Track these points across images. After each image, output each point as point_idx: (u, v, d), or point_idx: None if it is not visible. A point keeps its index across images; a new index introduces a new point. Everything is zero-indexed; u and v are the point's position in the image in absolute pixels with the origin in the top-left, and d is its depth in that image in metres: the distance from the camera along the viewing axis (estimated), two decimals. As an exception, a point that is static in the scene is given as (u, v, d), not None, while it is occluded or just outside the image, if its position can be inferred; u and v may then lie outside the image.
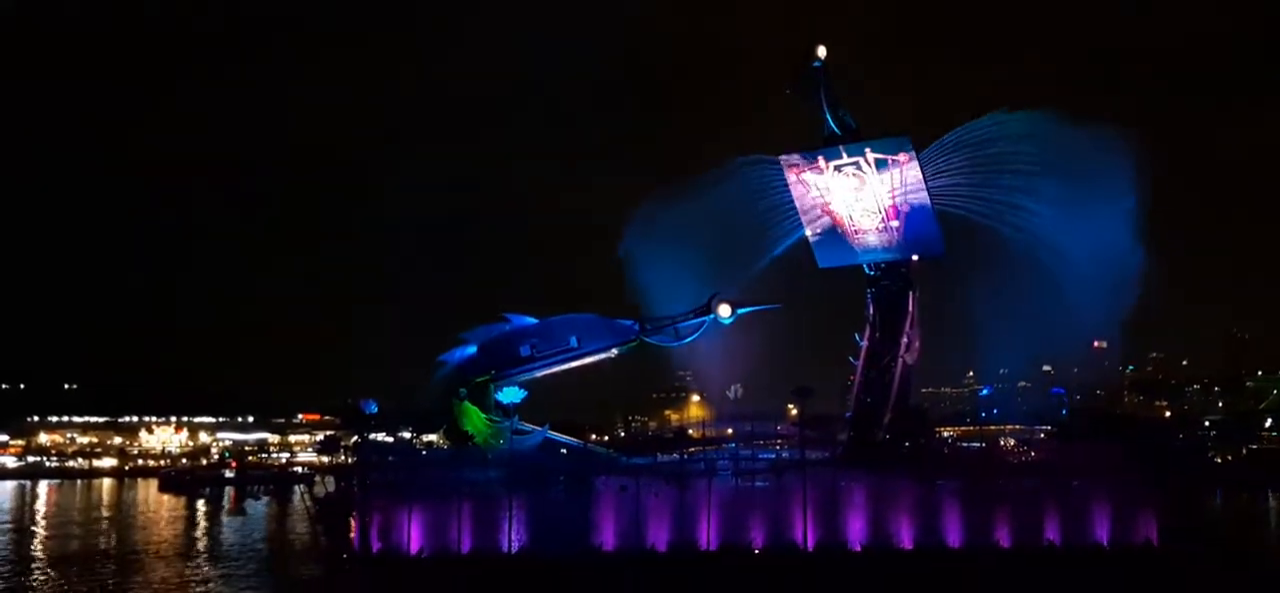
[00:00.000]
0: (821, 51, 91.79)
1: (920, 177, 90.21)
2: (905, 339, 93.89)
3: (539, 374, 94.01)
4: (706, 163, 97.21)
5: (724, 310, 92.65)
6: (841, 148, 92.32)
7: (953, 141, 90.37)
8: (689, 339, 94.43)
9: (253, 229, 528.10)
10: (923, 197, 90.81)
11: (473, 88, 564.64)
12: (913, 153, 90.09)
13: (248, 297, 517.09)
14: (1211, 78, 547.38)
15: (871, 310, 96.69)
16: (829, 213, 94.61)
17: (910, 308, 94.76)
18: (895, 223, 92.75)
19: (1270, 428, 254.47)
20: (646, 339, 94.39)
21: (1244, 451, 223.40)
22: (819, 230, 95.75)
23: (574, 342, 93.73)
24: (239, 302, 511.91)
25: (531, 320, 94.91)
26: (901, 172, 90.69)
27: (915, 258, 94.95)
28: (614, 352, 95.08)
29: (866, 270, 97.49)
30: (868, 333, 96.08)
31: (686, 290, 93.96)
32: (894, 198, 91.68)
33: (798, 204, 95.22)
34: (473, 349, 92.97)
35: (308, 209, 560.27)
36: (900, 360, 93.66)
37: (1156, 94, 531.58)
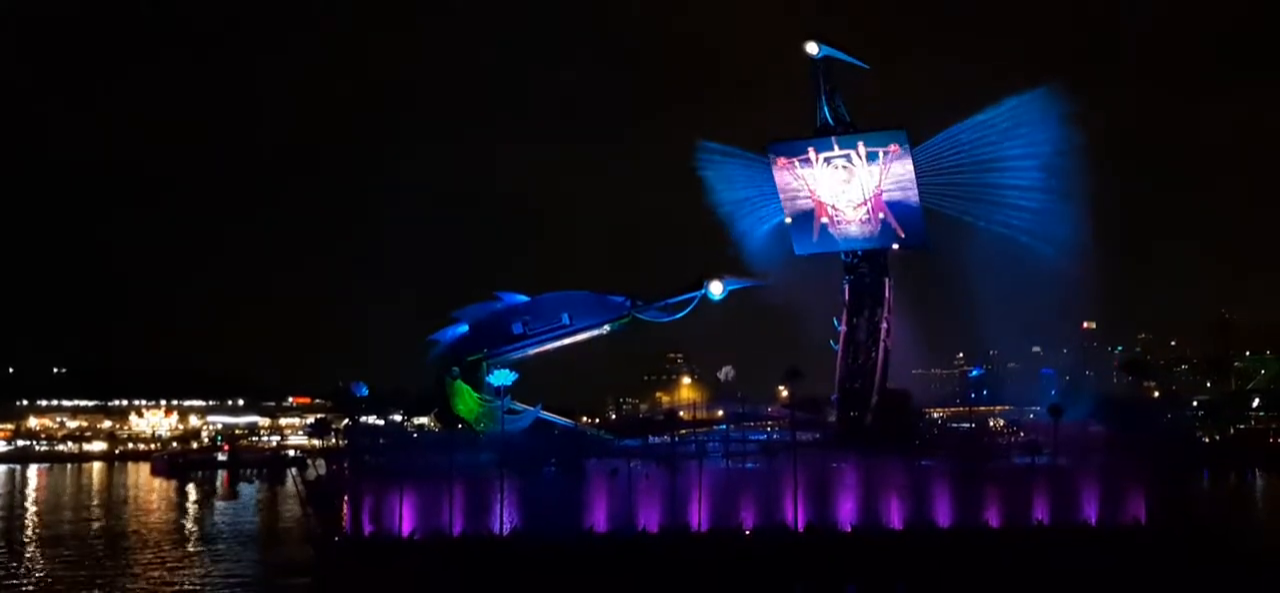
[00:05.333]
0: (811, 48, 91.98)
1: (912, 171, 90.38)
2: (885, 325, 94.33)
3: (531, 352, 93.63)
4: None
5: (716, 286, 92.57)
6: (834, 139, 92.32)
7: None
8: (680, 314, 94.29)
9: (244, 213, 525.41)
10: (912, 192, 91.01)
11: (470, 74, 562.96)
12: (906, 146, 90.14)
13: (238, 280, 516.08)
14: (1201, 61, 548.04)
15: (848, 297, 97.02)
16: (812, 202, 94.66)
17: (887, 295, 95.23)
18: (881, 215, 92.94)
19: (1257, 408, 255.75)
20: (638, 315, 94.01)
21: (1231, 430, 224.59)
22: (799, 218, 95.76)
23: (566, 318, 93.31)
24: (230, 285, 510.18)
25: (523, 298, 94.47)
26: (893, 165, 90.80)
27: (896, 246, 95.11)
28: (606, 328, 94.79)
29: (842, 258, 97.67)
30: (845, 318, 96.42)
31: None
32: (882, 191, 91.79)
33: (780, 192, 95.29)
34: (464, 328, 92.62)
35: (299, 192, 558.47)
36: (882, 345, 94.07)
37: (1147, 77, 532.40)
